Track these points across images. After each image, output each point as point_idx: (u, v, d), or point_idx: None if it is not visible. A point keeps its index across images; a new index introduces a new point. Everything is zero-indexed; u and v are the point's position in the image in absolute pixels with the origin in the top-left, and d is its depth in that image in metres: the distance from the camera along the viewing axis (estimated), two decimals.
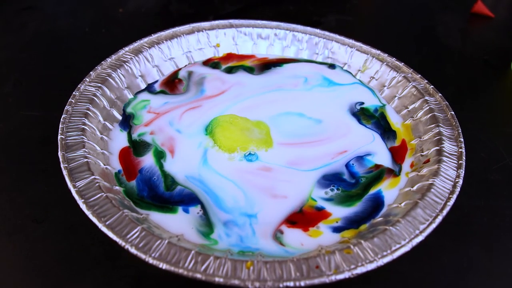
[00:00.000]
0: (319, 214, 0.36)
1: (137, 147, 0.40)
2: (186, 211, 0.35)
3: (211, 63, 0.52)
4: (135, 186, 0.37)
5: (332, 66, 0.52)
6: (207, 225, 0.34)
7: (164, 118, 0.44)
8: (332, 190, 0.38)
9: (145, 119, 0.44)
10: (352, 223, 0.35)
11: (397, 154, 0.42)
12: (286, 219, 0.35)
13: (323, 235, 0.34)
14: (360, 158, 0.41)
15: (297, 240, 0.34)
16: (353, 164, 0.40)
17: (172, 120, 0.44)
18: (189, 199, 0.36)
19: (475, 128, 0.50)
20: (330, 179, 0.39)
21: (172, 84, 0.49)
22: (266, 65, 0.52)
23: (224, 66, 0.52)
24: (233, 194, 0.37)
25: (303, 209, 0.36)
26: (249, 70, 0.52)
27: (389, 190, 0.38)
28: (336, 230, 0.35)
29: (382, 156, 0.41)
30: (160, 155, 0.40)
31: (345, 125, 0.45)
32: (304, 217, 0.35)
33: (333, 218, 0.36)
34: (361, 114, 0.46)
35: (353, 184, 0.38)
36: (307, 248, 0.33)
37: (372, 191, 0.38)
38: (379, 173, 0.39)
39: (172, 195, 0.36)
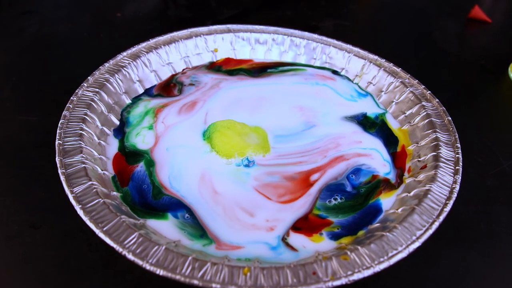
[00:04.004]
0: (322, 222, 0.36)
1: (129, 156, 0.40)
2: (176, 216, 0.36)
3: (214, 67, 0.52)
4: (129, 192, 0.37)
5: (335, 72, 0.53)
6: (197, 227, 0.35)
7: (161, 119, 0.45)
8: (335, 199, 0.38)
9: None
10: (351, 230, 0.36)
11: (398, 160, 0.42)
12: (292, 226, 0.35)
13: (324, 241, 0.35)
14: (358, 171, 0.41)
15: (300, 243, 0.34)
16: (352, 176, 0.40)
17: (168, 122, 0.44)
18: (175, 206, 0.36)
19: (472, 134, 0.50)
20: (333, 190, 0.39)
21: (167, 88, 0.49)
22: (263, 68, 0.53)
23: (224, 70, 0.52)
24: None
25: (308, 216, 0.36)
26: (248, 72, 0.52)
27: (387, 198, 0.38)
28: (336, 236, 0.35)
29: (384, 163, 0.42)
30: (150, 164, 0.40)
31: (347, 132, 0.45)
32: (308, 224, 0.36)
33: (334, 225, 0.36)
34: (365, 122, 0.46)
35: (354, 194, 0.39)
36: (308, 250, 0.34)
37: (372, 201, 0.38)
38: (376, 184, 0.40)
39: (158, 202, 0.37)
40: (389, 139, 0.44)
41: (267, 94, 0.48)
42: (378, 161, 0.42)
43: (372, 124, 0.46)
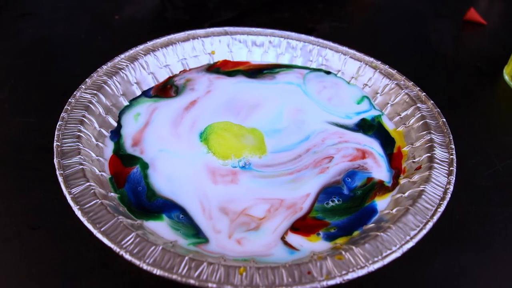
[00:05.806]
0: (319, 223, 0.36)
1: (124, 158, 0.41)
2: (170, 217, 0.36)
3: (214, 69, 0.53)
4: (126, 193, 0.37)
5: (328, 73, 0.53)
6: (192, 226, 0.35)
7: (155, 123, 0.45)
8: (333, 201, 0.38)
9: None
10: (347, 231, 0.36)
11: (394, 162, 0.42)
12: (290, 226, 0.36)
13: (320, 241, 0.35)
14: (353, 174, 0.41)
15: (298, 242, 0.35)
16: (348, 179, 0.40)
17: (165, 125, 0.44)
18: (169, 207, 0.37)
19: (466, 135, 0.50)
20: (331, 192, 0.39)
21: (165, 89, 0.49)
22: (260, 70, 0.53)
23: (222, 71, 0.52)
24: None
25: (306, 218, 0.37)
26: (246, 74, 0.52)
27: (382, 199, 0.39)
28: (332, 237, 0.35)
29: (380, 165, 0.42)
30: (145, 166, 0.40)
31: (345, 135, 0.45)
32: (306, 225, 0.36)
33: (331, 226, 0.36)
34: (363, 124, 0.46)
35: (351, 197, 0.39)
36: (305, 249, 0.34)
37: (368, 203, 0.38)
38: (371, 186, 0.40)
39: (153, 204, 0.37)
40: (386, 141, 0.45)
41: (264, 96, 0.49)
42: (379, 167, 0.42)
43: (369, 127, 0.46)
